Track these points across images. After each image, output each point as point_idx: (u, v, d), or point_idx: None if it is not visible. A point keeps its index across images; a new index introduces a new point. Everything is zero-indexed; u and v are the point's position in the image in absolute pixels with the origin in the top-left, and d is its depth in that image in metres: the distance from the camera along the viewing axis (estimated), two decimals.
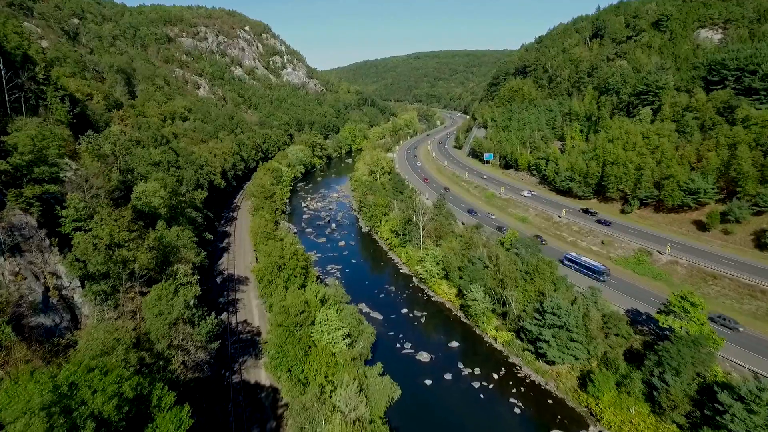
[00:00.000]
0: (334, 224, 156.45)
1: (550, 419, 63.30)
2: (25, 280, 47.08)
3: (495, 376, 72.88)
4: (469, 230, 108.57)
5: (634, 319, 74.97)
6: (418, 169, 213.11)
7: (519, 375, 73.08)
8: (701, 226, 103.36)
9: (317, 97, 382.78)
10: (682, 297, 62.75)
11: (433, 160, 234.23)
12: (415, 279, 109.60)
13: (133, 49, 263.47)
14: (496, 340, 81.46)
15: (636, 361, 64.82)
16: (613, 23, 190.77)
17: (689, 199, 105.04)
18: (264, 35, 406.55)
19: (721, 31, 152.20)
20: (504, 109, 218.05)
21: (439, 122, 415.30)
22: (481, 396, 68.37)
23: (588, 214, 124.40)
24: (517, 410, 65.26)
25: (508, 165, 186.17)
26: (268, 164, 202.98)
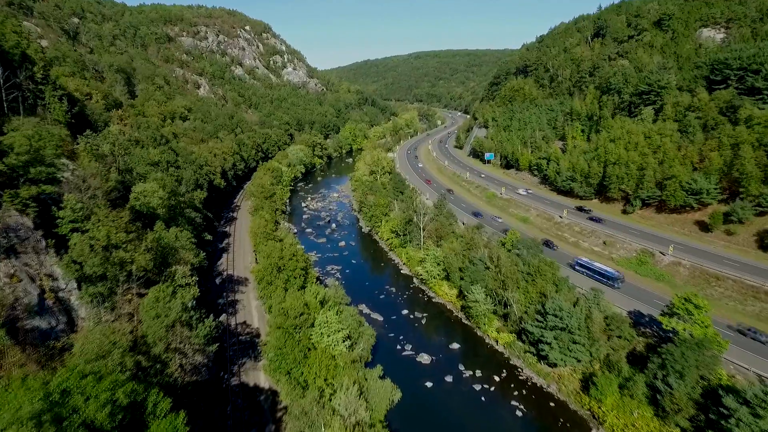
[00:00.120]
0: (335, 224, 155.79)
1: (552, 422, 62.70)
2: (20, 282, 46.45)
3: (496, 378, 72.24)
4: (470, 231, 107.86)
5: (637, 320, 74.28)
6: (420, 170, 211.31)
7: (520, 377, 72.43)
8: (704, 226, 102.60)
9: (318, 97, 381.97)
10: (686, 299, 62.01)
11: (434, 159, 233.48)
12: (415, 280, 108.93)
13: (133, 49, 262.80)
14: (497, 341, 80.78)
15: (639, 364, 64.16)
16: (615, 22, 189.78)
17: (692, 199, 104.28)
18: (264, 35, 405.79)
19: (724, 30, 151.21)
20: (505, 109, 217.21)
21: (439, 122, 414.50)
22: (483, 399, 67.74)
23: (582, 212, 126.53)
24: (519, 413, 64.62)
25: (509, 165, 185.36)
26: (268, 164, 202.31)
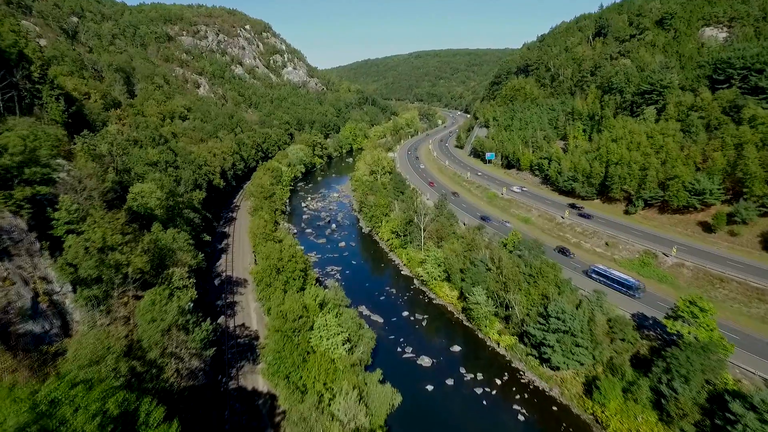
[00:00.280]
0: (335, 225, 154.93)
1: (554, 427, 61.80)
2: (13, 285, 45.55)
3: (498, 381, 71.35)
4: (471, 231, 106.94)
5: (640, 323, 73.25)
6: (422, 171, 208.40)
7: (522, 380, 71.54)
8: (707, 227, 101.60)
9: (318, 96, 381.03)
10: (691, 302, 61.07)
11: (435, 159, 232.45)
12: (416, 281, 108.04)
13: (133, 48, 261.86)
14: (498, 344, 79.89)
15: (643, 368, 63.25)
16: (617, 21, 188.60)
17: (695, 199, 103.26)
18: (264, 34, 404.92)
19: (726, 29, 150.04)
20: (506, 108, 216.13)
21: (440, 121, 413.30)
22: (484, 402, 66.85)
23: (574, 209, 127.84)
24: (521, 417, 63.75)
25: (510, 165, 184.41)
26: (268, 164, 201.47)
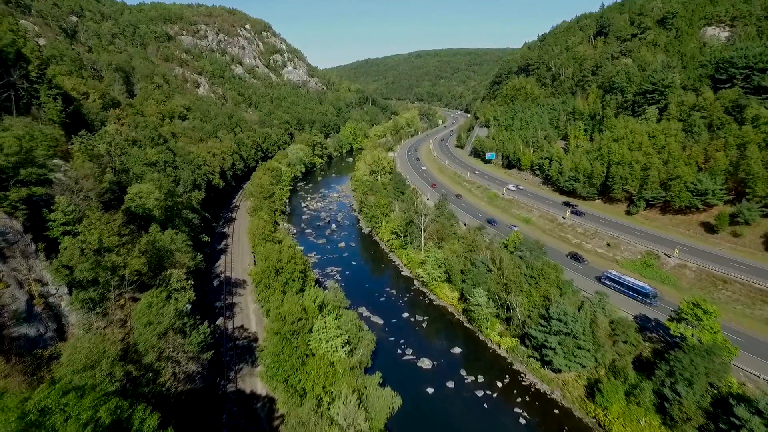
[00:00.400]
0: (334, 225, 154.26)
1: (556, 430, 61.08)
2: (7, 287, 44.92)
3: (499, 384, 70.64)
4: (472, 232, 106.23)
5: (643, 325, 72.53)
6: (423, 171, 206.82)
7: (524, 383, 70.83)
8: (709, 228, 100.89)
9: (318, 96, 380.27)
10: (695, 304, 60.38)
11: (435, 159, 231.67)
12: (416, 282, 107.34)
13: (133, 48, 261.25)
14: (499, 346, 79.18)
15: (646, 370, 62.54)
16: (618, 21, 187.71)
17: (697, 200, 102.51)
18: (264, 33, 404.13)
19: (728, 28, 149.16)
20: (506, 108, 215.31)
21: (440, 121, 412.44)
22: (485, 405, 66.13)
23: (568, 207, 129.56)
24: (522, 420, 63.03)
25: (510, 165, 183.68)
26: (268, 164, 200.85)
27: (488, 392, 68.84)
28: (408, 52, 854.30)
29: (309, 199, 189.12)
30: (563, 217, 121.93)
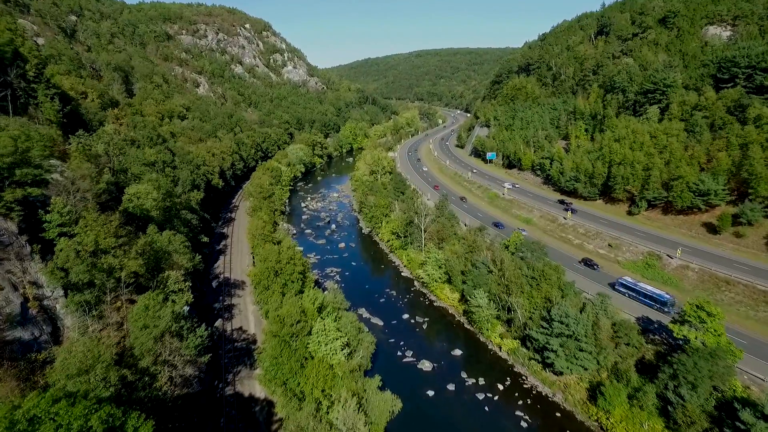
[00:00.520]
0: (334, 225, 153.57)
1: None
2: (1, 290, 44.24)
3: (500, 386, 69.96)
4: (473, 233, 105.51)
5: (645, 327, 71.79)
6: (424, 172, 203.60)
7: (525, 385, 70.14)
8: (711, 228, 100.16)
9: (318, 96, 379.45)
10: (698, 306, 59.61)
11: (435, 159, 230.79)
12: (416, 283, 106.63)
13: (132, 47, 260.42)
14: (500, 348, 78.46)
15: (648, 373, 61.85)
16: (619, 20, 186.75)
17: (699, 200, 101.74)
18: (264, 33, 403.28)
19: (730, 27, 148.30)
20: (507, 108, 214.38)
21: (440, 121, 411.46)
22: (486, 408, 65.44)
23: (562, 204, 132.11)
24: (524, 424, 62.32)
25: (511, 164, 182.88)
26: (268, 164, 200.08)
27: (489, 395, 68.17)
28: (408, 52, 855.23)
29: (309, 199, 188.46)
30: (564, 218, 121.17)
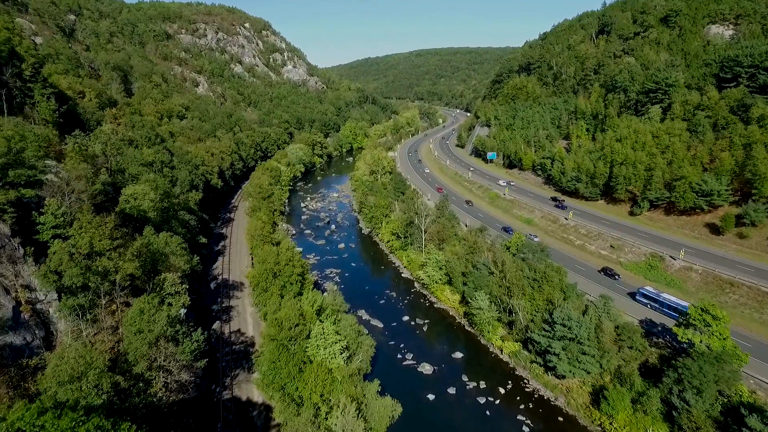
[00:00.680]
0: (334, 225, 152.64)
1: None
2: None
3: (501, 390, 69.01)
4: (473, 233, 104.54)
5: (649, 330, 70.88)
6: (425, 173, 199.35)
7: (527, 389, 69.20)
8: (714, 229, 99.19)
9: (318, 95, 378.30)
10: (703, 309, 58.66)
11: (436, 159, 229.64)
12: (416, 284, 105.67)
13: (131, 46, 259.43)
14: (502, 350, 77.52)
15: (652, 377, 60.92)
16: (620, 19, 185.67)
17: (702, 201, 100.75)
18: (264, 32, 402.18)
19: (732, 26, 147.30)
20: (507, 107, 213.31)
21: (441, 120, 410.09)
22: (487, 412, 64.48)
23: (554, 201, 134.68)
24: (526, 429, 61.35)
25: (512, 164, 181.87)
26: (267, 163, 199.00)
27: (490, 398, 67.23)
28: (408, 51, 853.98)
29: (308, 199, 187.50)
30: (566, 218, 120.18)
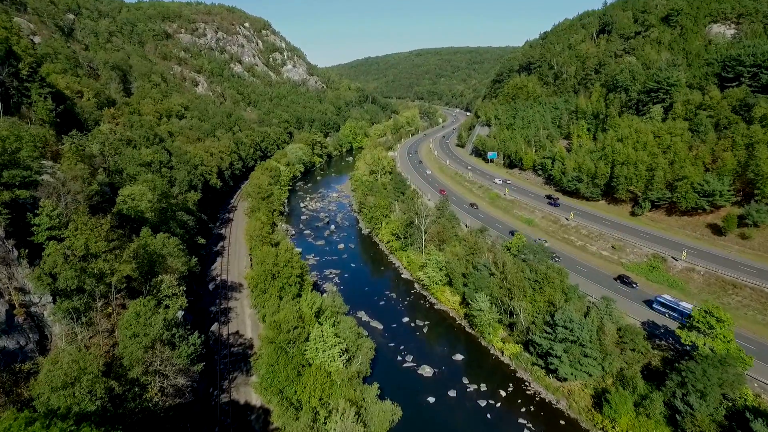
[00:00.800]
0: (333, 226, 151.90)
1: None
2: None
3: (502, 393, 68.30)
4: (474, 234, 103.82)
5: (651, 332, 70.15)
6: (426, 174, 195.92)
7: (528, 392, 68.51)
8: (717, 229, 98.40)
9: (318, 95, 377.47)
10: (707, 311, 57.94)
11: (436, 159, 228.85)
12: (416, 285, 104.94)
13: (130, 46, 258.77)
14: (503, 352, 76.81)
15: (655, 380, 60.20)
16: (621, 18, 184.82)
17: (704, 201, 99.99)
18: (264, 31, 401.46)
19: (734, 26, 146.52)
20: (508, 107, 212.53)
21: (441, 120, 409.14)
22: (488, 416, 63.80)
23: (548, 199, 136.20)
24: None
25: (512, 164, 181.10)
26: (266, 163, 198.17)
27: (491, 401, 66.53)
28: (408, 51, 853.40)
29: (308, 199, 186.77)
30: (567, 219, 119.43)
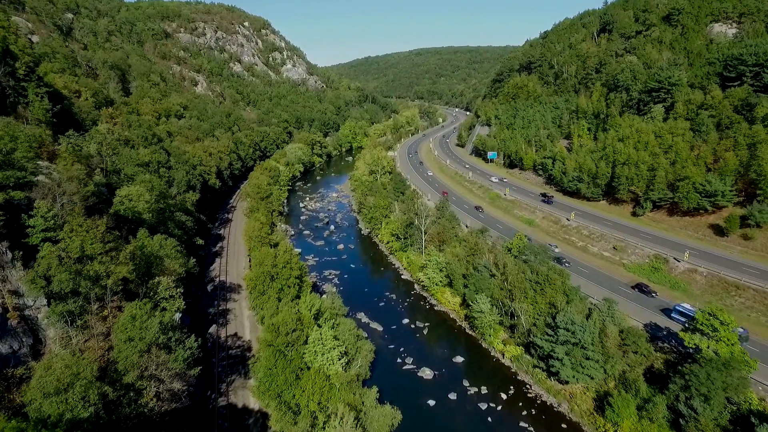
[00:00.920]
0: (333, 226, 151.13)
1: None
2: None
3: (503, 395, 67.60)
4: (474, 235, 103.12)
5: (654, 334, 69.44)
6: (430, 178, 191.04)
7: (529, 395, 67.78)
8: (719, 230, 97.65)
9: (317, 94, 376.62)
10: (710, 314, 57.25)
11: (436, 159, 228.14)
12: (416, 286, 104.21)
13: (129, 45, 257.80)
14: (503, 355, 76.06)
15: (658, 383, 59.48)
16: (622, 17, 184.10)
17: (706, 201, 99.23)
18: (263, 31, 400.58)
19: (736, 25, 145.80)
20: (508, 107, 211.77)
21: (441, 119, 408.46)
22: (489, 419, 63.07)
23: (543, 197, 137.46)
24: None
25: (512, 164, 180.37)
26: (266, 163, 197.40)
27: (492, 404, 65.82)
28: (408, 50, 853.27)
29: (307, 199, 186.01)
30: (567, 219, 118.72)
